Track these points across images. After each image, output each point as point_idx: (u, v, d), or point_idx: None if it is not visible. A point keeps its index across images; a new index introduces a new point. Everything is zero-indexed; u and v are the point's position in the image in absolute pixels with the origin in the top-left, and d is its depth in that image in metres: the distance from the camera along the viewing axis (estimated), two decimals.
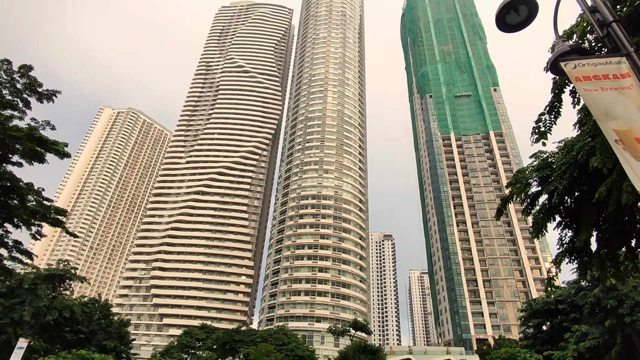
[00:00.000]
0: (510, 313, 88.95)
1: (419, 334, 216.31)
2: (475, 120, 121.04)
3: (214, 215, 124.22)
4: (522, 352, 18.49)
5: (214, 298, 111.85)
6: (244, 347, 50.95)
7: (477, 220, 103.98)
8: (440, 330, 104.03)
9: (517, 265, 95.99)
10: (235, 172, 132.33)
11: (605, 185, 6.71)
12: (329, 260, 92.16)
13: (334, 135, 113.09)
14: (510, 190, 9.89)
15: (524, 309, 29.59)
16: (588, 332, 22.82)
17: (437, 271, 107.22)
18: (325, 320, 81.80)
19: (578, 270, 9.68)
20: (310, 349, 60.72)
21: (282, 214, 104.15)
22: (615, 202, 7.07)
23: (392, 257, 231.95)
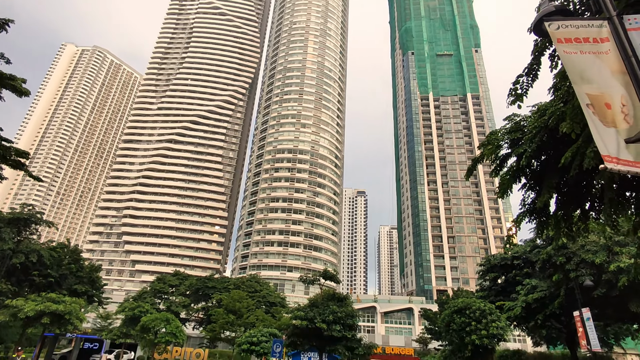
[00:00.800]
0: (469, 267, 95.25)
1: (385, 285, 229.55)
2: (454, 82, 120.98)
3: (188, 165, 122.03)
4: (477, 301, 20.09)
5: (187, 246, 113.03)
6: (217, 293, 52.64)
7: (447, 181, 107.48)
8: (405, 281, 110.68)
9: (481, 224, 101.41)
10: (209, 122, 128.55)
11: (570, 150, 6.98)
12: (303, 214, 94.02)
13: (313, 89, 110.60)
14: (481, 151, 10.15)
15: (483, 263, 31.70)
16: (537, 285, 24.85)
17: (406, 227, 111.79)
18: (297, 270, 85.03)
19: (535, 230, 10.28)
20: (282, 296, 63.56)
21: (258, 167, 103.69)
22: (578, 166, 7.40)
23: (364, 212, 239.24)
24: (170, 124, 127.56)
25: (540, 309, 24.58)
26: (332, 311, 19.53)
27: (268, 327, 31.10)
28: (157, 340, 20.45)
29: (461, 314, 19.61)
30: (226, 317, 37.85)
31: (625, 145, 3.27)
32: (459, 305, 20.05)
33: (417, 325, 73.25)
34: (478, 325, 18.76)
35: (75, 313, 30.35)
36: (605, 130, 3.39)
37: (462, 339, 19.10)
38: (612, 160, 3.23)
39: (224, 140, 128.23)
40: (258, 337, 27.26)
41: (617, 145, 3.29)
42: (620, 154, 3.26)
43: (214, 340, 46.58)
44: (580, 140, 6.82)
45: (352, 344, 20.31)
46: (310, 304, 21.15)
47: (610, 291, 21.13)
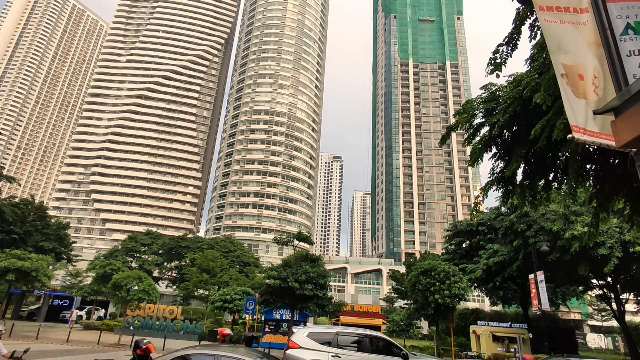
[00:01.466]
0: (437, 232, 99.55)
1: (356, 247, 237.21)
2: (434, 49, 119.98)
3: (160, 123, 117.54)
4: (442, 264, 21.20)
5: (160, 206, 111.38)
6: (191, 253, 52.88)
7: (422, 149, 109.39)
8: (375, 244, 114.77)
9: (450, 192, 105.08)
10: (182, 78, 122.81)
11: (541, 122, 7.21)
12: (279, 177, 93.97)
13: (291, 48, 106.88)
14: (456, 119, 10.32)
15: (450, 229, 33.17)
16: (498, 250, 26.40)
17: (379, 193, 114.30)
18: (272, 232, 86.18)
19: (501, 198, 10.75)
20: (256, 256, 64.63)
21: (233, 128, 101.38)
22: (546, 137, 7.68)
23: (339, 177, 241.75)
24: (140, 78, 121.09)
25: (500, 271, 26.30)
26: (304, 271, 20.13)
27: (241, 286, 31.81)
28: (129, 298, 20.57)
29: (427, 275, 20.71)
30: (199, 276, 38.32)
31: (592, 117, 3.41)
32: (425, 267, 21.12)
33: (385, 285, 76.99)
34: (442, 285, 19.93)
35: (43, 270, 29.86)
36: (576, 100, 3.50)
37: (426, 298, 20.31)
38: (579, 130, 3.37)
39: (198, 99, 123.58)
40: (231, 295, 27.89)
41: (585, 116, 3.42)
42: (588, 125, 3.40)
43: (188, 298, 47.34)
44: (551, 112, 7.04)
45: (323, 302, 21.19)
46: (284, 264, 21.69)
47: (563, 256, 22.76)
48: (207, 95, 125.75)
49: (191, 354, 6.79)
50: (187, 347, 7.33)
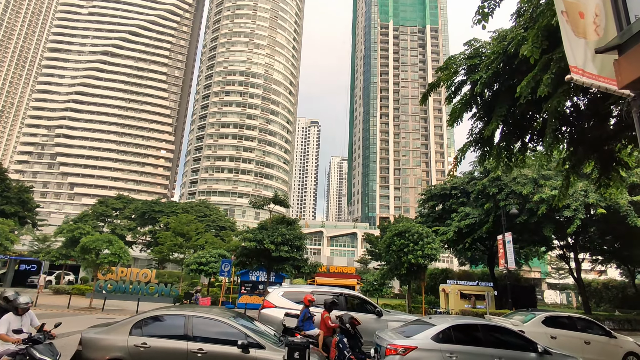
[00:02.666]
0: (411, 197, 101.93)
1: (332, 212, 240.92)
2: (415, 11, 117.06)
3: (128, 82, 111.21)
4: (416, 226, 21.67)
5: (132, 170, 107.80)
6: (165, 217, 51.97)
7: (399, 115, 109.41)
8: (351, 209, 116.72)
9: (425, 158, 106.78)
10: (151, 34, 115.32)
11: (527, 79, 6.98)
12: (255, 141, 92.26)
13: (268, 5, 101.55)
14: (438, 76, 10.01)
15: (424, 192, 33.79)
16: (470, 213, 27.19)
17: (356, 158, 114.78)
18: (248, 197, 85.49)
19: (478, 160, 10.74)
20: (232, 220, 64.44)
21: (207, 89, 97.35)
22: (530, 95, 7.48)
23: (316, 143, 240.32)
24: (105, 33, 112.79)
25: (470, 233, 27.23)
26: (280, 233, 20.08)
27: (217, 249, 31.68)
28: (99, 261, 20.02)
29: (401, 236, 21.13)
30: (174, 240, 37.86)
31: (592, 58, 3.16)
32: (400, 229, 21.51)
33: (360, 248, 79.14)
34: (415, 246, 20.43)
35: (4, 234, 28.55)
36: (575, 40, 3.23)
37: (400, 259, 20.84)
38: (578, 71, 3.13)
39: (169, 57, 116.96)
40: (207, 258, 27.72)
41: (584, 57, 3.17)
42: (587, 66, 3.15)
43: (163, 262, 47.03)
44: (537, 67, 6.83)
45: (299, 263, 21.38)
46: (260, 227, 21.56)
47: (531, 218, 23.70)
48: (178, 54, 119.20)
49: (162, 315, 6.55)
50: (159, 308, 7.10)
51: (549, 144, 7.78)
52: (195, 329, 6.18)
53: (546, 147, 7.84)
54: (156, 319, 6.43)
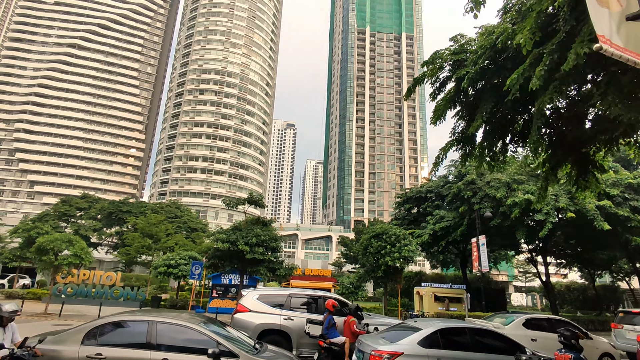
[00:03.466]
0: (385, 201, 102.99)
1: (307, 216, 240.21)
2: (392, 18, 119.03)
3: (97, 77, 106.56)
4: (394, 228, 21.56)
5: (99, 169, 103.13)
6: (133, 218, 49.74)
7: (375, 119, 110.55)
8: (326, 212, 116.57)
9: (399, 163, 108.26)
10: (123, 29, 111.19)
11: (517, 72, 6.76)
12: (230, 141, 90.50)
13: (246, 4, 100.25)
14: (424, 71, 9.76)
15: (400, 195, 33.93)
16: (444, 216, 27.42)
17: (332, 161, 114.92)
18: (221, 198, 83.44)
19: (461, 158, 10.59)
20: (204, 222, 62.61)
21: (180, 87, 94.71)
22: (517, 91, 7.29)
23: (292, 145, 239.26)
24: (72, 24, 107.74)
25: (445, 236, 27.43)
26: (255, 234, 19.35)
27: (188, 251, 30.46)
28: (58, 263, 18.58)
29: (378, 238, 20.91)
30: (142, 241, 36.14)
31: (616, 30, 2.86)
32: (377, 230, 21.30)
33: (334, 251, 78.92)
34: (392, 248, 20.25)
35: None
36: (599, 9, 2.93)
37: (377, 261, 20.60)
38: (606, 41, 2.81)
39: (141, 53, 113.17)
40: (177, 260, 26.52)
41: (609, 28, 2.86)
42: (612, 37, 2.83)
43: (130, 265, 44.95)
44: (528, 61, 6.64)
45: (274, 265, 20.71)
46: (234, 227, 20.75)
47: (504, 222, 24.08)
48: (151, 50, 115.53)
49: (122, 320, 5.81)
50: (122, 313, 6.34)
51: (534, 142, 7.61)
52: (159, 336, 5.48)
53: (532, 144, 7.67)
54: (115, 325, 5.69)
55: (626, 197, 22.46)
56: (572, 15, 5.86)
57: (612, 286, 40.79)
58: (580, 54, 5.26)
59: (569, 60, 5.41)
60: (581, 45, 5.25)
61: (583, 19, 5.74)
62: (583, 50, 5.19)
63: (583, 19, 5.72)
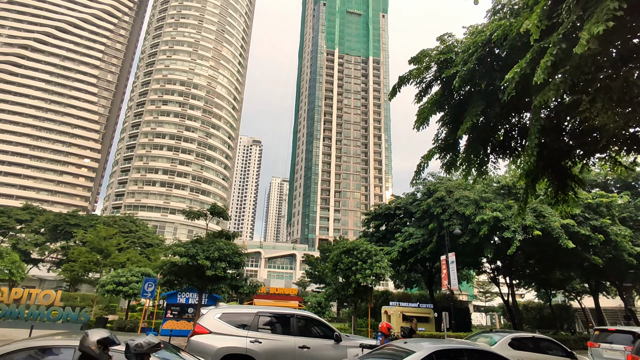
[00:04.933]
0: (350, 220, 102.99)
1: (271, 234, 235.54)
2: (359, 42, 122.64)
3: (51, 82, 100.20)
4: (365, 243, 20.82)
5: (47, 179, 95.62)
6: (82, 231, 45.75)
7: (341, 139, 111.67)
8: (290, 230, 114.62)
9: (365, 182, 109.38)
10: (83, 33, 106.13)
11: (518, 66, 6.35)
12: (193, 154, 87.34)
13: (215, 17, 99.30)
14: (410, 70, 9.22)
15: (369, 212, 33.44)
16: (413, 233, 27.11)
17: (298, 179, 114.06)
18: (181, 213, 79.77)
19: (445, 166, 10.08)
20: (161, 238, 59.01)
21: (142, 96, 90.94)
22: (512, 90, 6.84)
23: (257, 162, 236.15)
24: (26, 25, 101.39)
25: (413, 253, 27.03)
26: (218, 247, 17.79)
27: (141, 268, 28.00)
28: None
29: (349, 254, 20.04)
30: (90, 256, 32.97)
31: None
32: (348, 246, 20.45)
33: (298, 270, 77.03)
34: (364, 265, 19.41)
35: None
36: None
37: (347, 278, 19.64)
38: None
39: (102, 60, 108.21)
40: (127, 277, 24.17)
41: None
42: None
43: (76, 283, 40.95)
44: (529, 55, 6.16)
45: (237, 282, 19.10)
46: (194, 240, 19.07)
47: (472, 239, 24.05)
48: (112, 57, 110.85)
49: (38, 346, 4.43)
50: (41, 337, 4.93)
51: (533, 145, 7.13)
52: None
53: (531, 148, 7.18)
54: (27, 352, 4.31)
55: (586, 216, 23.22)
56: (579, 4, 5.55)
57: (565, 305, 42.20)
58: (593, 34, 4.94)
59: (581, 42, 5.06)
60: (596, 25, 4.94)
61: (590, 6, 5.48)
62: (598, 30, 4.88)
63: (591, 6, 5.46)
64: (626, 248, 22.28)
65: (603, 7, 4.97)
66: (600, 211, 23.74)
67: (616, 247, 22.69)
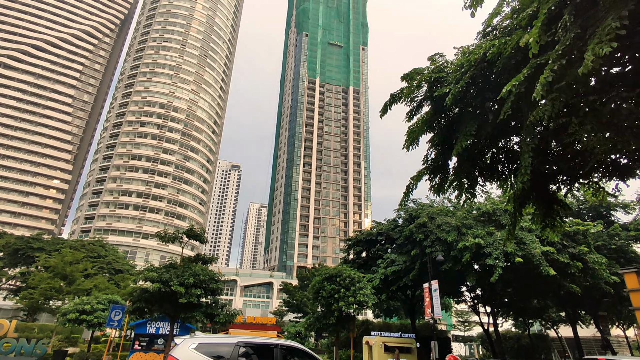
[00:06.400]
0: (329, 247, 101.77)
1: (247, 260, 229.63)
2: (340, 72, 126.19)
3: (23, 100, 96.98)
4: (348, 269, 20.25)
5: (10, 200, 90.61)
6: (45, 255, 42.90)
7: (321, 165, 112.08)
8: (268, 257, 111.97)
9: (344, 209, 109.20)
10: (60, 52, 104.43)
11: (516, 79, 6.24)
12: (169, 178, 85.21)
13: (198, 43, 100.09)
14: (401, 88, 9.18)
15: (350, 239, 32.98)
16: (395, 260, 26.69)
17: (277, 205, 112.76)
18: (155, 238, 76.76)
19: (435, 187, 9.92)
20: (132, 263, 56.16)
21: (119, 117, 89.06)
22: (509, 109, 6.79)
23: (236, 187, 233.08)
24: (0, 42, 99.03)
25: (396, 281, 26.53)
26: (193, 273, 16.79)
27: (109, 295, 26.21)
28: None
29: (332, 280, 19.39)
30: (51, 282, 30.66)
31: None
32: (330, 272, 19.81)
33: (275, 299, 74.60)
34: (347, 292, 18.75)
35: None
36: None
37: (329, 306, 18.86)
38: None
39: (79, 79, 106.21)
40: (93, 305, 22.46)
41: None
42: None
43: (35, 312, 37.92)
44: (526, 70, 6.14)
45: (213, 310, 17.98)
46: (167, 265, 17.98)
47: (455, 266, 23.86)
48: (90, 77, 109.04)
49: None
50: None
51: (526, 165, 7.03)
52: None
53: (524, 167, 7.07)
54: None
55: (564, 244, 23.55)
56: (576, 22, 5.59)
57: (542, 335, 42.18)
58: (599, 54, 4.88)
59: (586, 62, 5.00)
60: (600, 45, 4.91)
61: (591, 24, 5.52)
62: (604, 51, 4.83)
63: (592, 24, 5.49)
64: (603, 276, 22.56)
65: (605, 26, 4.98)
66: (577, 239, 24.16)
67: (594, 275, 22.95)
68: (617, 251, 24.98)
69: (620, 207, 27.23)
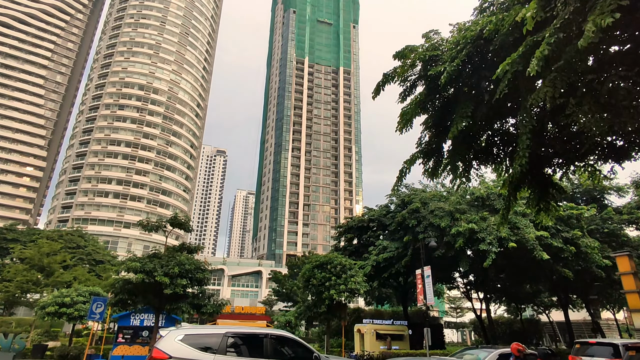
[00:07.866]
0: (319, 234, 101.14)
1: (235, 249, 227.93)
2: (330, 52, 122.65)
3: None
4: (339, 257, 19.65)
5: None
6: (20, 246, 40.94)
7: (311, 150, 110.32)
8: (256, 245, 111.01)
9: (334, 195, 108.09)
10: (29, 30, 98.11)
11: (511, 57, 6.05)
12: (151, 164, 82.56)
13: (179, 20, 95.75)
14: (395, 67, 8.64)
15: (341, 225, 32.34)
16: (387, 246, 26.19)
17: (265, 191, 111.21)
18: (137, 227, 74.75)
19: (430, 171, 9.52)
20: (113, 254, 54.47)
21: (96, 100, 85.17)
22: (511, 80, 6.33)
23: (221, 174, 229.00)
24: None
25: (388, 267, 26.05)
26: (178, 262, 15.78)
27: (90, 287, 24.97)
28: None
29: (322, 268, 18.75)
30: (28, 275, 29.11)
31: None
32: (321, 259, 19.14)
33: (264, 288, 74.01)
34: (338, 280, 18.11)
35: None
36: None
37: (320, 294, 18.20)
38: None
39: (51, 59, 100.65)
40: (73, 297, 21.25)
41: None
42: None
43: (11, 306, 36.24)
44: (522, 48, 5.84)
45: (199, 301, 17.06)
46: (151, 255, 16.91)
47: (448, 252, 23.47)
48: (63, 57, 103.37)
49: None
50: None
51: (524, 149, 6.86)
52: None
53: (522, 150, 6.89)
54: None
55: (558, 228, 23.38)
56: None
57: (534, 320, 42.77)
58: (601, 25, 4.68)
59: (587, 34, 4.78)
60: (602, 16, 4.67)
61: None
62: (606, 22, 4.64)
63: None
64: (596, 260, 22.53)
65: None
66: (570, 223, 24.03)
67: (586, 259, 22.91)
68: (610, 235, 25.03)
69: (614, 190, 27.25)
